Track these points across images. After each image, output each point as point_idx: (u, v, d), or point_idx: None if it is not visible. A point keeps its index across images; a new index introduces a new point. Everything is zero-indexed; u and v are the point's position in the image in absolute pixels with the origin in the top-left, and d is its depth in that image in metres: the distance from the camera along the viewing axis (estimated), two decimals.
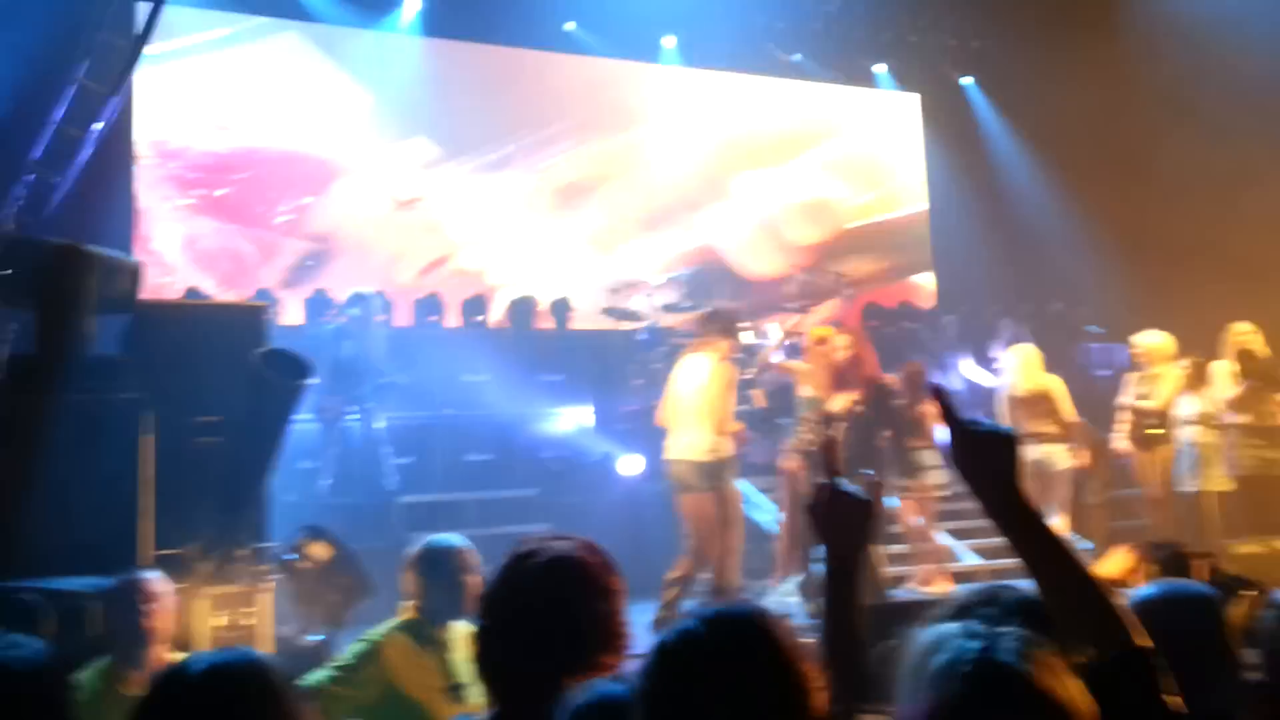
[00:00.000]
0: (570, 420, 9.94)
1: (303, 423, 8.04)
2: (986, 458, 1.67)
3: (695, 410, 6.89)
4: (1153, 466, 8.23)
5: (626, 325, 10.98)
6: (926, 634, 1.54)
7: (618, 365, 10.39)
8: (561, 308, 12.03)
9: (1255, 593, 3.25)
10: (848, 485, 1.92)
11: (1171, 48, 11.25)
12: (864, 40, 13.68)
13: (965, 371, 11.22)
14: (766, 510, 8.78)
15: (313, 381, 5.07)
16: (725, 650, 1.48)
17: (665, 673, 1.50)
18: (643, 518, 8.41)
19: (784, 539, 7.98)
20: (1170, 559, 3.54)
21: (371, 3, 11.89)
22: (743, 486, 9.29)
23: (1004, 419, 8.12)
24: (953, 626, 1.53)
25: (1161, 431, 8.17)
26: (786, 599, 7.59)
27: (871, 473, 7.41)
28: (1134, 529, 8.29)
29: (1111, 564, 4.05)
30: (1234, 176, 10.50)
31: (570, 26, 12.59)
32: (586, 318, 11.82)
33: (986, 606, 1.97)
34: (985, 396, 10.45)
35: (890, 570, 7.93)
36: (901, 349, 11.64)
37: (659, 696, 1.49)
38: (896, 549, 8.32)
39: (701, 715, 1.45)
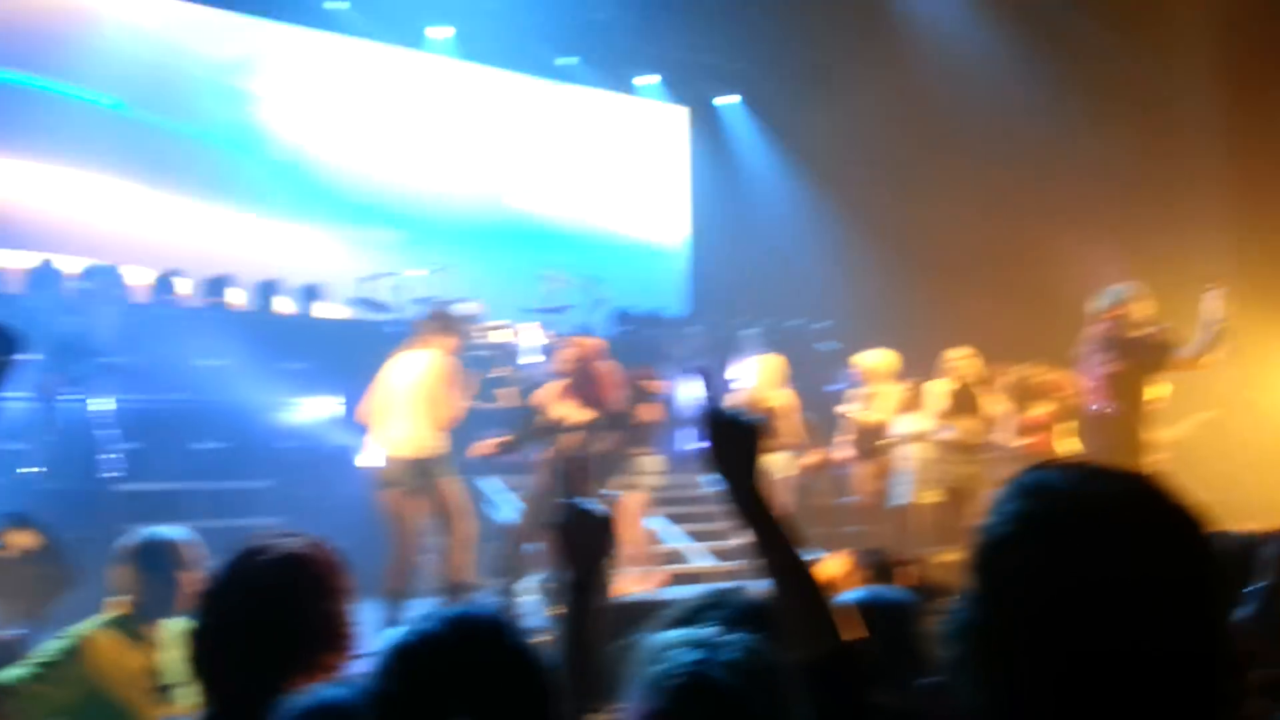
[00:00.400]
0: (311, 410, 9.63)
1: (14, 401, 7.54)
2: (737, 445, 1.70)
3: (409, 405, 6.88)
4: (870, 478, 8.82)
5: (374, 316, 10.74)
6: (654, 640, 1.59)
7: (364, 357, 10.13)
8: (309, 294, 11.62)
9: (944, 597, 3.56)
10: (588, 504, 1.95)
11: (934, 78, 12.07)
12: (635, 51, 13.93)
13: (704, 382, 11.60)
14: (512, 508, 8.79)
15: (26, 356, 4.70)
16: (464, 652, 1.47)
17: (402, 674, 1.48)
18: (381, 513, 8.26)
19: (521, 536, 8.03)
20: (877, 566, 3.81)
21: None
22: (488, 484, 9.31)
23: None
24: (679, 634, 1.58)
25: (880, 445, 8.78)
26: (525, 598, 7.64)
27: (614, 494, 7.60)
28: (853, 536, 8.86)
29: (827, 568, 4.32)
30: (988, 206, 11.39)
31: (340, 5, 12.22)
32: (334, 307, 11.48)
33: (714, 610, 2.02)
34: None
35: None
36: (647, 356, 11.93)
37: (393, 699, 1.46)
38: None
39: (437, 718, 1.43)
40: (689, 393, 9.69)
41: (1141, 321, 7.23)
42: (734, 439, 1.70)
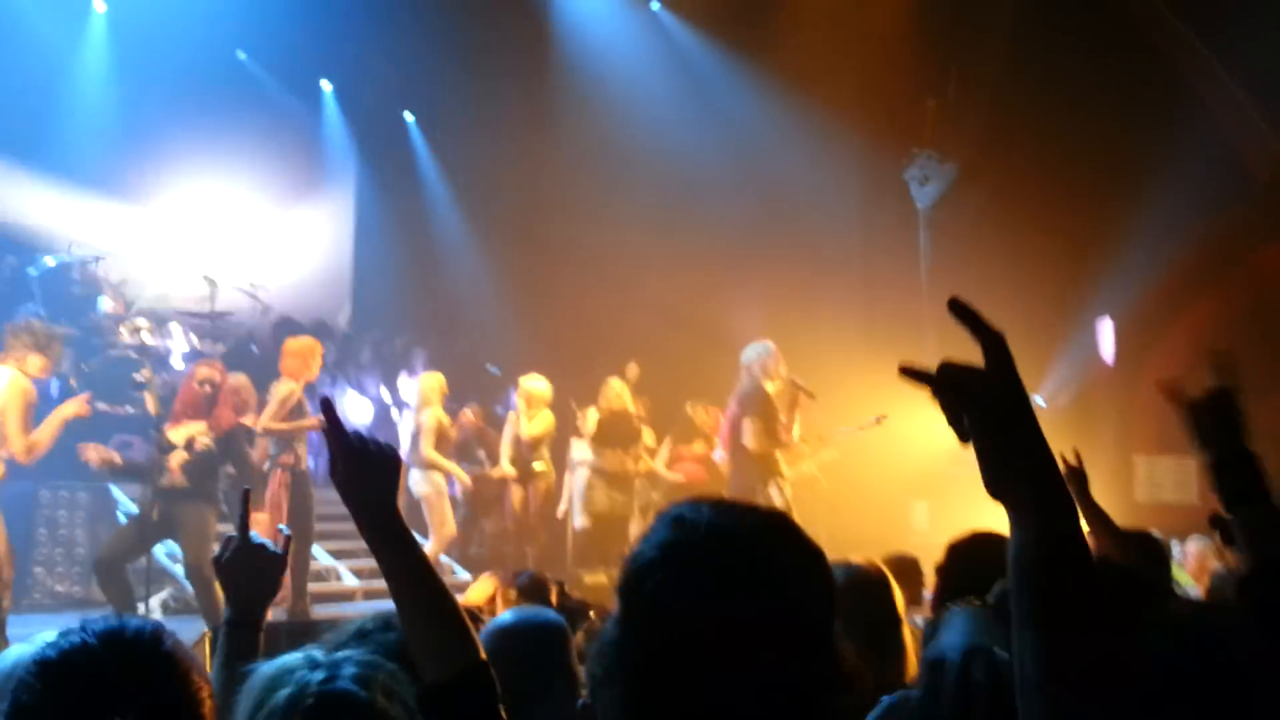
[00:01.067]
0: None
1: None
2: (368, 475, 1.70)
3: None
4: (526, 498, 9.03)
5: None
6: (267, 667, 1.56)
7: None
8: None
9: (594, 617, 3.72)
10: (259, 539, 1.90)
11: (584, 113, 12.53)
12: (315, 54, 13.50)
13: (374, 394, 11.46)
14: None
15: None
16: (121, 665, 1.42)
17: (55, 691, 1.40)
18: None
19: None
20: (530, 585, 3.94)
21: None
22: (118, 494, 8.70)
23: (404, 442, 8.45)
24: (294, 657, 1.56)
25: (540, 467, 9.01)
26: (152, 615, 7.20)
27: (287, 531, 7.32)
28: (508, 556, 9.02)
29: (477, 590, 4.39)
30: (634, 253, 11.91)
31: None
32: None
33: (385, 632, 2.04)
34: (390, 421, 10.78)
35: None
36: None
37: (46, 716, 1.40)
38: None
39: None
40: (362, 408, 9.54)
41: (775, 374, 7.95)
42: (366, 466, 1.70)
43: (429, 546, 8.28)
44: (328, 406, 1.76)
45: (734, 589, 1.11)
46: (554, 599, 3.83)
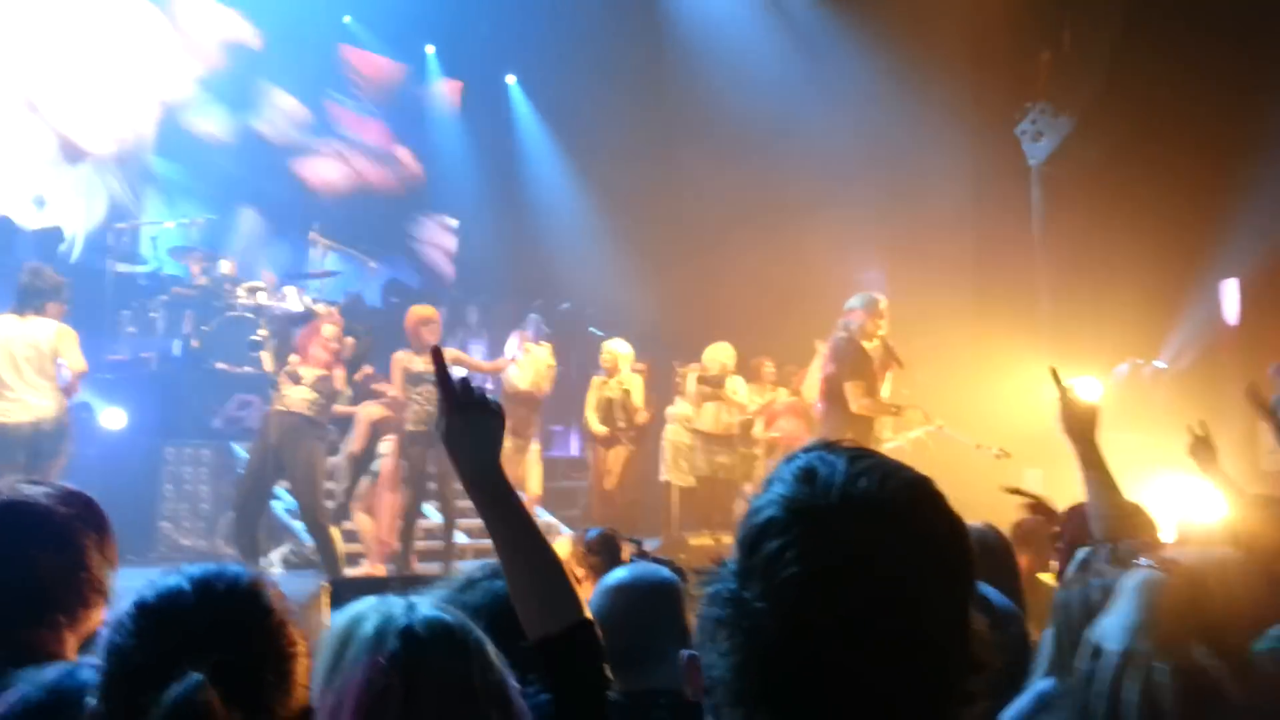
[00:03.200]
0: None
1: None
2: (474, 430, 1.71)
3: (36, 371, 6.64)
4: (620, 460, 9.07)
5: (125, 267, 10.11)
6: (346, 610, 1.54)
7: (110, 308, 9.55)
8: (55, 238, 10.78)
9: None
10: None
11: (690, 76, 12.42)
12: (416, 18, 13.62)
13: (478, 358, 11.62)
14: None
15: None
16: (205, 609, 1.43)
17: (139, 630, 1.42)
18: (124, 475, 7.85)
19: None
20: (599, 543, 3.94)
21: None
22: (240, 451, 8.98)
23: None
24: (370, 599, 1.54)
25: (623, 427, 9.03)
26: (272, 570, 7.45)
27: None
28: (602, 516, 9.11)
29: (558, 550, 4.40)
30: (741, 219, 11.82)
31: None
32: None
33: (493, 580, 2.08)
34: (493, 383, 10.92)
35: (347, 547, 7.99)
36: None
37: (129, 652, 1.40)
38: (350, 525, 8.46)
39: (171, 673, 1.35)
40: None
41: (873, 333, 7.50)
42: (470, 421, 1.71)
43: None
44: (437, 356, 1.79)
45: (870, 562, 1.03)
46: (625, 556, 3.80)
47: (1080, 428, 2.88)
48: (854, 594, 1.02)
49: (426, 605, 1.50)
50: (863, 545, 1.03)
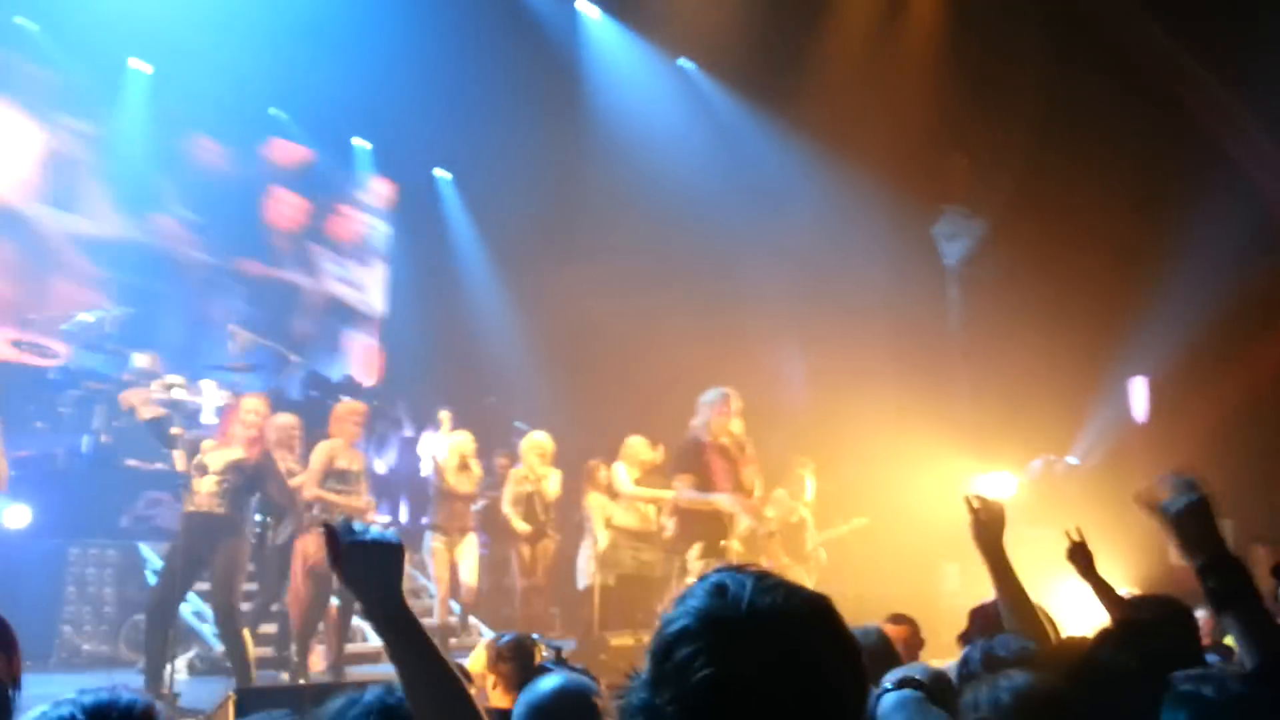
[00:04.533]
0: None
1: None
2: (371, 567, 1.70)
3: None
4: (535, 558, 8.94)
5: (36, 361, 9.87)
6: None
7: (17, 404, 9.29)
8: None
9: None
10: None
11: (616, 174, 12.60)
12: (348, 113, 13.69)
13: (410, 450, 11.50)
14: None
15: None
16: None
17: None
18: (25, 576, 7.56)
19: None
20: (512, 648, 3.85)
21: None
22: (147, 552, 8.72)
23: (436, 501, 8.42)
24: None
25: (543, 520, 8.93)
26: (178, 676, 7.18)
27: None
28: (533, 617, 8.95)
29: (475, 658, 4.29)
30: (661, 312, 11.93)
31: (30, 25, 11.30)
32: None
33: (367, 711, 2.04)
34: (419, 477, 10.78)
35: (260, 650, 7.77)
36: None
37: None
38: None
39: None
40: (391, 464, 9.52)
41: (721, 428, 7.51)
42: (367, 559, 1.70)
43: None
44: (327, 528, 1.73)
45: (770, 673, 1.11)
46: (539, 659, 3.71)
47: (989, 539, 3.12)
48: (760, 698, 1.10)
49: None
50: (769, 653, 1.12)
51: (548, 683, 2.43)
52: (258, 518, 7.70)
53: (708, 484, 7.42)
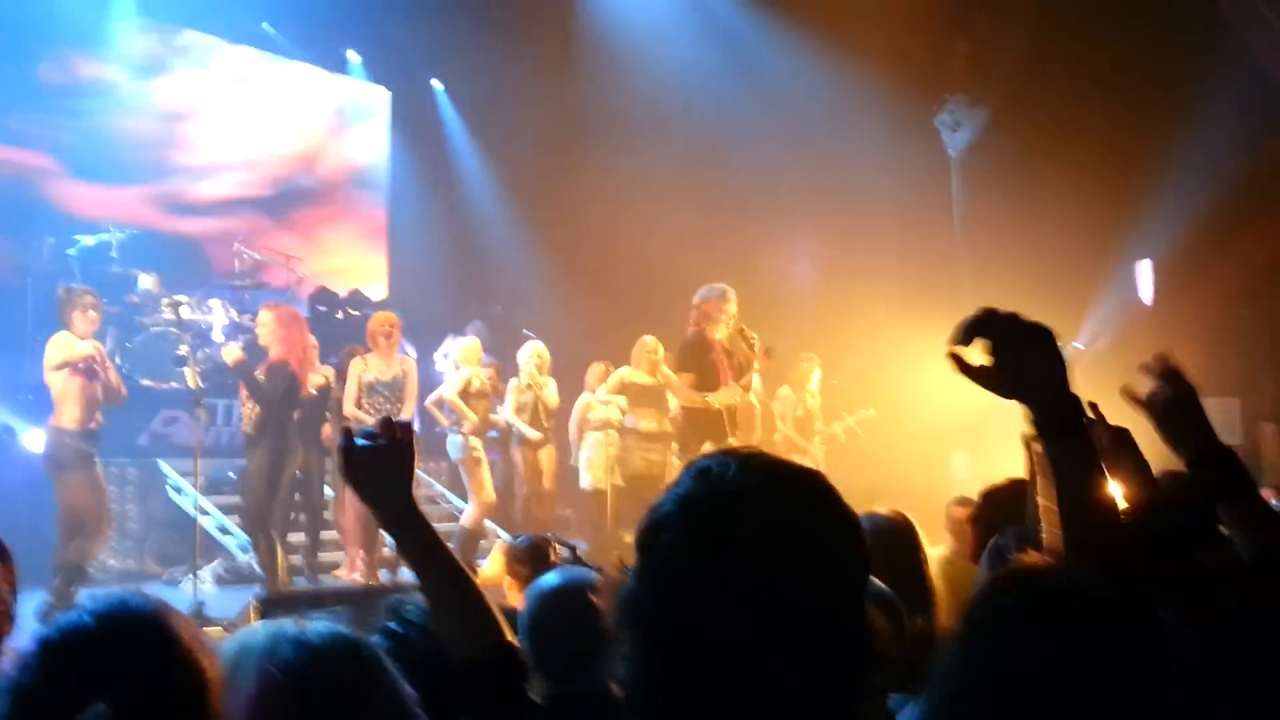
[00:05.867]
0: None
1: None
2: (381, 466, 1.69)
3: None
4: (538, 464, 9.02)
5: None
6: (236, 635, 1.56)
7: (31, 328, 9.34)
8: None
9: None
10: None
11: (613, 77, 12.45)
12: (339, 25, 13.48)
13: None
14: (188, 494, 8.41)
15: None
16: (116, 646, 1.39)
17: (41, 667, 1.37)
18: (45, 496, 7.69)
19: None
20: (528, 549, 3.93)
21: None
22: (166, 468, 8.86)
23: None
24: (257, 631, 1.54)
25: (547, 427, 9.02)
26: (203, 586, 7.36)
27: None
28: (545, 519, 9.09)
29: (491, 563, 4.39)
30: (664, 214, 11.87)
31: None
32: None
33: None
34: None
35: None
36: (348, 336, 11.66)
37: (28, 691, 1.36)
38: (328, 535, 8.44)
39: (73, 709, 1.32)
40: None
41: (716, 322, 7.56)
42: (376, 462, 1.69)
43: (469, 513, 8.36)
44: (346, 433, 1.73)
45: (754, 552, 1.05)
46: (554, 559, 3.78)
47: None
48: (743, 579, 1.04)
49: (320, 621, 1.50)
50: (751, 532, 1.06)
51: (550, 578, 2.46)
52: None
53: (709, 382, 7.47)
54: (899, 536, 3.08)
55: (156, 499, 8.68)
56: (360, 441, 1.69)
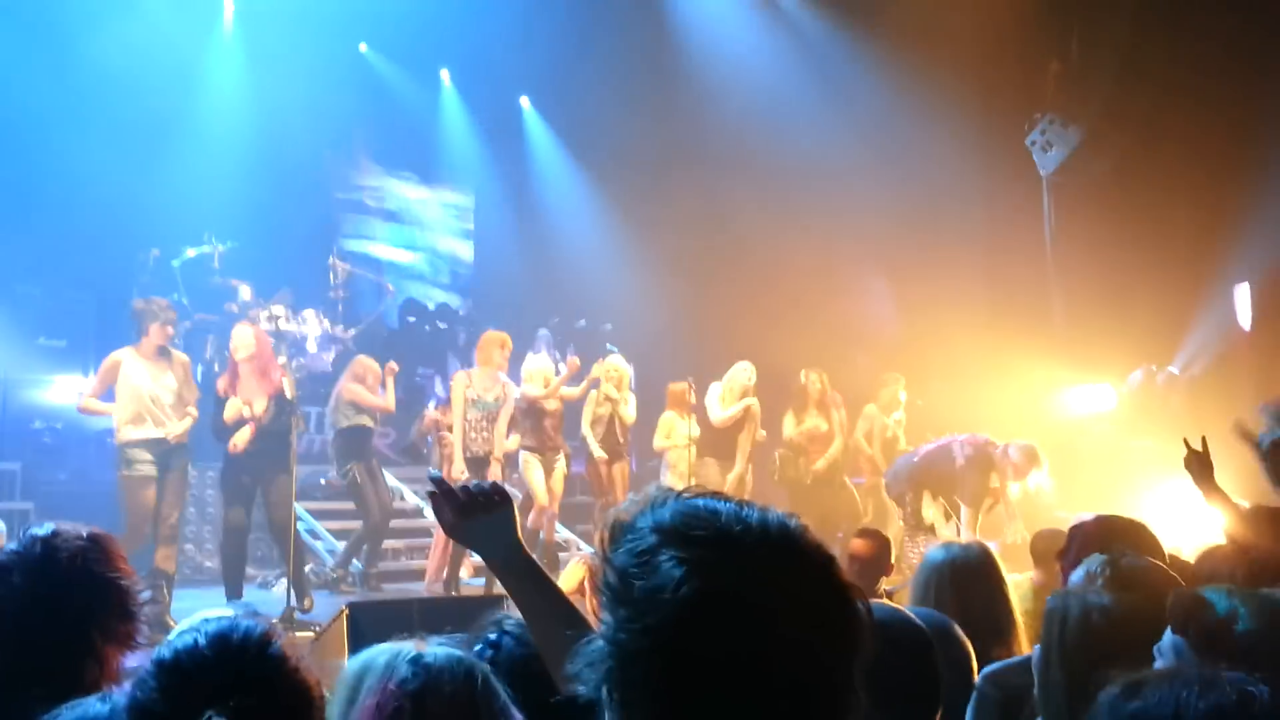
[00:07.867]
0: (70, 390, 9.15)
1: None
2: (483, 523, 1.76)
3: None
4: (611, 479, 9.07)
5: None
6: (359, 656, 1.63)
7: (135, 337, 9.67)
8: None
9: None
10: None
11: (704, 99, 12.50)
12: (432, 41, 13.75)
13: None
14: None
15: None
16: (221, 666, 1.47)
17: (166, 688, 1.47)
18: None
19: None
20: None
21: None
22: None
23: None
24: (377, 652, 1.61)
25: (621, 443, 9.08)
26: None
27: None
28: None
29: (568, 575, 4.45)
30: (753, 234, 11.89)
31: None
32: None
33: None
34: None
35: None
36: (437, 349, 11.90)
37: (157, 711, 1.45)
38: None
39: None
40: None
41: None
42: (478, 516, 1.76)
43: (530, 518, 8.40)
44: (436, 482, 1.82)
45: (735, 581, 1.05)
46: None
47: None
48: (724, 626, 1.04)
49: (436, 642, 1.58)
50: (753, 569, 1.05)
51: None
52: None
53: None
54: (977, 566, 3.10)
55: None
56: (461, 511, 1.75)
